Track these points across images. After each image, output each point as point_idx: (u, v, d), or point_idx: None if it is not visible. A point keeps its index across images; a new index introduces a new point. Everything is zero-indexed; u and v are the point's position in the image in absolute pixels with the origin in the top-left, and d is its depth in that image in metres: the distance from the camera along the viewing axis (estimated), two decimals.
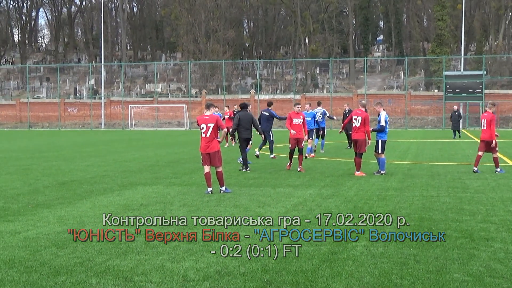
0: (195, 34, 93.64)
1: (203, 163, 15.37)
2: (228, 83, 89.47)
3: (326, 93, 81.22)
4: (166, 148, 34.47)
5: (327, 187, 16.67)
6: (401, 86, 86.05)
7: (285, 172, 20.52)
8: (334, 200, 14.14)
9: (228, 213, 12.31)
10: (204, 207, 13.19)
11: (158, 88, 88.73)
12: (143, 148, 34.34)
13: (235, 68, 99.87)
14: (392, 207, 13.01)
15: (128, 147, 35.54)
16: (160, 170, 21.57)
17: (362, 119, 19.83)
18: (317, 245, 9.43)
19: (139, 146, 36.49)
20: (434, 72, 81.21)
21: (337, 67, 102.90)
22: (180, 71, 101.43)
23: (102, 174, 20.31)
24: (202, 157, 15.37)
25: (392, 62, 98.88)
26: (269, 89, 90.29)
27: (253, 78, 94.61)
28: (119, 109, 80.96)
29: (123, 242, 9.72)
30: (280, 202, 13.86)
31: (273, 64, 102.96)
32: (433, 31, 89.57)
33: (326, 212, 12.39)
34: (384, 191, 15.62)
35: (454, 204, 13.49)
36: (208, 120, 15.30)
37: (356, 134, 20.03)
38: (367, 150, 20.51)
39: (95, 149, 34.17)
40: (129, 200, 14.24)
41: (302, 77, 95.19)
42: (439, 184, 17.10)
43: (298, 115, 21.07)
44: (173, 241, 9.75)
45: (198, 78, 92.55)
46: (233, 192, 15.37)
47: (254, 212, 12.42)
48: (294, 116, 21.11)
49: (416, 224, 11.08)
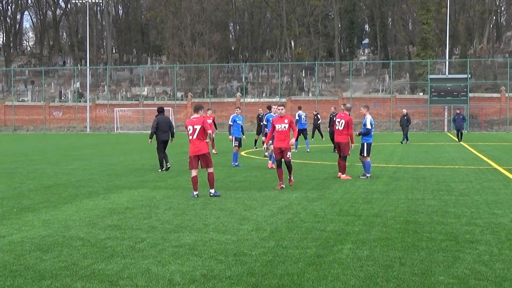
0: (181, 37, 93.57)
1: (191, 166, 15.32)
2: (214, 87, 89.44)
3: (312, 97, 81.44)
4: (152, 151, 34.36)
5: (312, 190, 16.68)
6: (387, 90, 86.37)
7: (271, 176, 20.51)
8: (319, 203, 14.16)
9: (214, 217, 12.29)
10: (190, 210, 13.17)
11: (143, 91, 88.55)
12: (129, 152, 34.24)
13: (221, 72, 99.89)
14: (377, 210, 13.04)
15: (113, 151, 35.42)
16: (146, 174, 21.51)
17: (345, 123, 19.88)
18: (303, 248, 9.43)
19: (125, 150, 36.38)
20: (419, 76, 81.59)
21: (323, 70, 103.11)
22: (165, 74, 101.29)
23: (88, 178, 20.23)
24: (190, 160, 15.33)
25: (378, 66, 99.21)
26: (255, 93, 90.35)
27: (239, 82, 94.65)
28: (104, 112, 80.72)
29: (108, 245, 9.68)
30: (266, 205, 13.86)
31: (259, 68, 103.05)
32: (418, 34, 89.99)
33: (312, 215, 12.40)
34: (370, 194, 15.65)
35: (439, 207, 13.53)
36: (195, 122, 15.30)
37: (339, 137, 20.09)
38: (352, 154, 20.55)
39: (81, 152, 34.03)
40: (115, 204, 14.19)
41: (288, 80, 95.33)
42: (424, 187, 17.16)
43: (282, 120, 17.23)
44: (159, 244, 9.73)
45: (184, 82, 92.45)
46: (219, 196, 15.35)
47: (240, 215, 12.42)
48: (277, 121, 17.31)
49: (401, 227, 11.11)
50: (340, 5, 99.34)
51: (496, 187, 17.16)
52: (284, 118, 17.15)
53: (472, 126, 70.58)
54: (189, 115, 77.10)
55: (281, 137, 17.07)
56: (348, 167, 22.50)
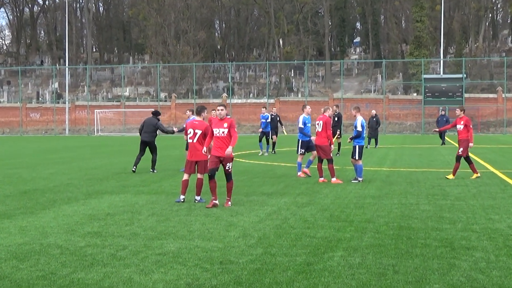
0: (164, 35, 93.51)
1: (187, 170, 15.34)
2: (199, 87, 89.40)
3: (301, 97, 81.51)
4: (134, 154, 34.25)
5: (302, 195, 16.69)
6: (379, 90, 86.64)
7: (258, 180, 20.50)
8: (309, 208, 14.16)
9: (199, 223, 12.27)
10: (174, 216, 13.14)
11: (125, 92, 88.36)
12: (110, 155, 34.14)
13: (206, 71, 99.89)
14: (370, 216, 13.05)
15: (94, 154, 35.31)
16: (128, 178, 21.45)
17: (323, 124, 20.05)
18: (292, 255, 9.42)
19: (106, 153, 36.27)
20: (412, 75, 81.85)
21: (313, 70, 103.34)
22: (148, 74, 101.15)
23: (66, 183, 20.15)
24: (187, 164, 15.35)
25: (370, 65, 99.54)
26: (242, 93, 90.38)
27: (225, 82, 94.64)
28: (84, 114, 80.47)
29: (88, 254, 9.64)
30: (253, 211, 13.85)
31: (246, 67, 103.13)
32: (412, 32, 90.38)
33: (301, 221, 12.40)
34: (362, 199, 15.67)
35: (434, 212, 13.57)
36: (196, 126, 15.24)
37: (318, 139, 20.22)
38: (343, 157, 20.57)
39: (59, 156, 33.90)
40: (95, 210, 14.14)
41: (276, 80, 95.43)
42: (419, 192, 17.20)
43: (221, 123, 14.77)
44: (141, 252, 9.69)
45: (168, 82, 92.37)
46: (204, 202, 15.32)
47: (226, 222, 12.40)
48: (216, 124, 14.90)
49: (395, 233, 11.12)
50: (330, 2, 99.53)
51: (493, 191, 17.23)
52: (224, 122, 14.73)
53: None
54: (173, 116, 77.06)
55: (219, 144, 14.66)
56: (339, 170, 22.54)
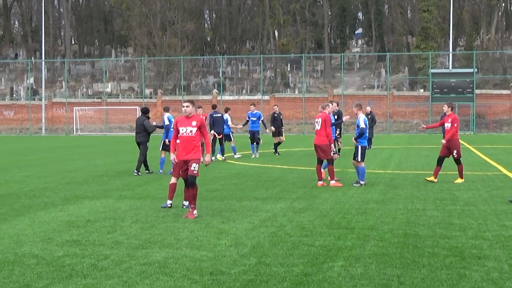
0: (150, 26, 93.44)
1: (175, 173, 15.10)
2: (187, 82, 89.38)
3: (298, 94, 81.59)
4: (117, 156, 34.27)
5: (299, 199, 16.69)
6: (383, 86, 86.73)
7: (252, 183, 20.50)
8: (307, 214, 14.16)
9: (187, 230, 12.26)
10: (160, 223, 13.12)
11: (107, 88, 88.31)
12: (90, 156, 34.10)
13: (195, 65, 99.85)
14: (373, 222, 13.06)
15: (72, 155, 35.26)
16: (110, 181, 21.43)
17: (322, 121, 20.03)
18: (289, 265, 9.42)
19: (86, 154, 36.23)
20: (419, 70, 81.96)
21: (311, 64, 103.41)
22: (132, 68, 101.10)
23: (43, 187, 20.11)
24: (175, 166, 15.13)
25: (373, 59, 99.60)
26: (234, 89, 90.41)
27: (215, 77, 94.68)
28: (62, 112, 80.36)
29: (66, 264, 9.62)
30: (247, 217, 13.85)
31: (238, 61, 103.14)
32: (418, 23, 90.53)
33: (298, 228, 12.40)
34: (364, 204, 15.68)
35: (442, 218, 13.58)
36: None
37: (317, 138, 20.22)
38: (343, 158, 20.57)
39: (35, 157, 33.85)
40: (74, 216, 14.11)
41: (271, 75, 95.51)
42: (426, 196, 17.21)
43: (188, 121, 14.25)
44: (124, 262, 9.68)
45: (153, 77, 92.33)
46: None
47: (217, 229, 12.39)
48: (182, 122, 14.33)
49: (400, 241, 11.13)
50: None
51: (506, 195, 17.25)
52: (192, 119, 14.18)
53: (479, 126, 71.01)
54: (159, 114, 76.98)
55: (186, 145, 14.03)
56: (339, 173, 22.55)
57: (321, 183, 19.94)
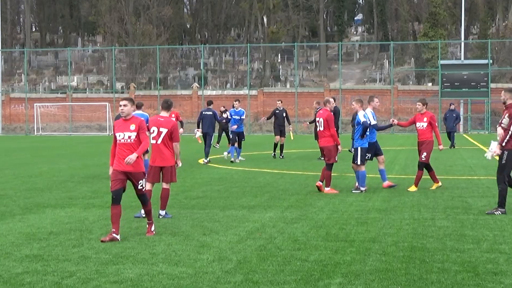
0: (121, 11, 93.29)
1: (150, 179, 15.23)
2: (164, 75, 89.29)
3: (290, 88, 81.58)
4: (84, 159, 34.19)
5: (291, 208, 16.70)
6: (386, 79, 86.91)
7: (237, 190, 20.50)
8: (301, 225, 14.17)
9: (164, 243, 12.24)
10: (133, 235, 13.11)
11: (72, 81, 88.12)
12: (54, 159, 34.00)
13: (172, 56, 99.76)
14: (374, 234, 13.08)
15: (33, 158, 35.16)
16: (76, 188, 21.37)
17: (324, 121, 19.96)
18: (279, 283, 9.42)
19: (48, 157, 36.13)
20: (427, 61, 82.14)
21: (304, 54, 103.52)
22: (101, 59, 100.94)
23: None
24: (150, 171, 15.27)
25: (374, 48, 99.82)
26: (217, 83, 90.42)
27: (196, 69, 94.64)
28: (21, 108, 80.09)
29: (26, 282, 9.59)
30: (232, 228, 13.84)
31: (222, 51, 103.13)
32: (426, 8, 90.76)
33: (290, 241, 12.40)
34: (365, 213, 15.70)
35: (453, 229, 13.61)
36: (161, 123, 15.17)
37: (321, 140, 20.21)
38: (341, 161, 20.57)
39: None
40: (35, 228, 14.07)
41: (259, 67, 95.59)
42: (435, 204, 17.25)
43: (126, 125, 13.12)
44: (93, 280, 9.65)
45: (125, 69, 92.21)
46: (171, 217, 15.30)
47: (198, 242, 12.38)
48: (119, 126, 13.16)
49: (405, 255, 11.15)
50: None
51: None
52: (130, 123, 13.07)
53: (494, 125, 71.05)
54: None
55: (125, 154, 12.89)
56: (336, 178, 22.56)
57: (319, 183, 19.87)
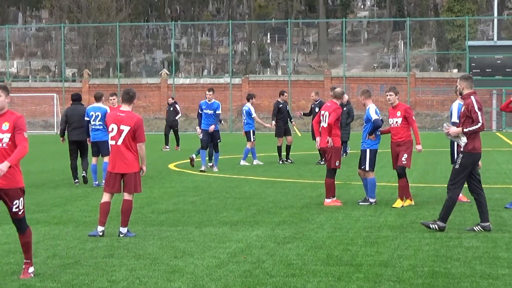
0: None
1: (107, 188, 15.18)
2: (126, 60, 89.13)
3: (282, 75, 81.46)
4: (25, 164, 34.01)
5: (284, 224, 16.71)
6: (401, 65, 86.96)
7: (217, 202, 20.49)
8: (295, 245, 14.17)
9: (126, 268, 12.23)
10: (88, 258, 13.08)
11: (11, 67, 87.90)
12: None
13: (136, 36, 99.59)
14: (387, 256, 13.09)
15: None
16: None
17: (330, 115, 19.89)
18: None
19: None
20: (451, 42, 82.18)
21: (300, 34, 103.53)
22: (47, 40, 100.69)
23: None
24: (108, 178, 15.21)
25: (387, 27, 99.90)
26: (192, 69, 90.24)
27: (165, 52, 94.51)
28: None
29: None
30: (210, 249, 13.84)
31: (198, 30, 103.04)
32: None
33: (283, 265, 12.40)
34: (375, 231, 15.71)
35: (484, 250, 13.63)
36: (123, 120, 15.08)
37: (323, 139, 20.15)
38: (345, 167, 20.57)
39: None
40: None
41: (244, 49, 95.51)
42: (461, 219, 17.26)
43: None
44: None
45: (77, 52, 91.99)
46: (134, 236, 15.27)
47: (168, 266, 12.38)
48: None
49: (425, 283, 11.17)
50: None
51: None
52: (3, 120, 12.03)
53: None
54: (86, 103, 76.72)
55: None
56: (340, 186, 22.55)
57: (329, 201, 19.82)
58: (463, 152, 15.24)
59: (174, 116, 43.63)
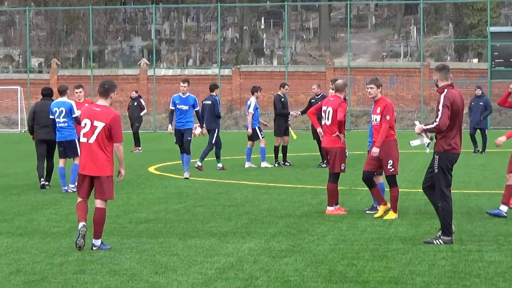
0: None
1: (80, 193, 15.17)
2: (99, 48, 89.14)
3: (278, 65, 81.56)
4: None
5: (280, 236, 16.74)
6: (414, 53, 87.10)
7: (203, 210, 20.53)
8: (293, 259, 14.20)
9: (100, 285, 12.24)
10: (56, 274, 13.09)
11: None
12: None
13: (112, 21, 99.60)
14: (397, 272, 13.12)
15: None
16: None
17: (333, 112, 19.87)
18: None
19: None
20: (471, 29, 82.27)
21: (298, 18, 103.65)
22: (10, 25, 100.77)
23: None
24: (79, 180, 15.20)
25: (397, 10, 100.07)
26: (174, 58, 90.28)
27: (144, 39, 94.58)
28: None
29: None
30: (196, 264, 13.86)
31: (182, 13, 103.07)
32: None
33: (279, 282, 12.43)
34: (384, 243, 15.74)
35: (508, 264, 13.67)
36: (97, 115, 15.02)
37: (326, 139, 20.15)
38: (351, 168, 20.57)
39: None
40: None
41: (235, 36, 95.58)
42: (482, 230, 17.30)
43: None
44: None
45: (44, 39, 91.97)
46: (109, 249, 15.27)
47: (148, 284, 12.39)
48: None
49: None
50: None
51: None
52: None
53: None
54: (54, 97, 76.71)
55: None
56: (344, 193, 22.56)
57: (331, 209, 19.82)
58: (438, 153, 15.21)
59: (138, 111, 43.78)
